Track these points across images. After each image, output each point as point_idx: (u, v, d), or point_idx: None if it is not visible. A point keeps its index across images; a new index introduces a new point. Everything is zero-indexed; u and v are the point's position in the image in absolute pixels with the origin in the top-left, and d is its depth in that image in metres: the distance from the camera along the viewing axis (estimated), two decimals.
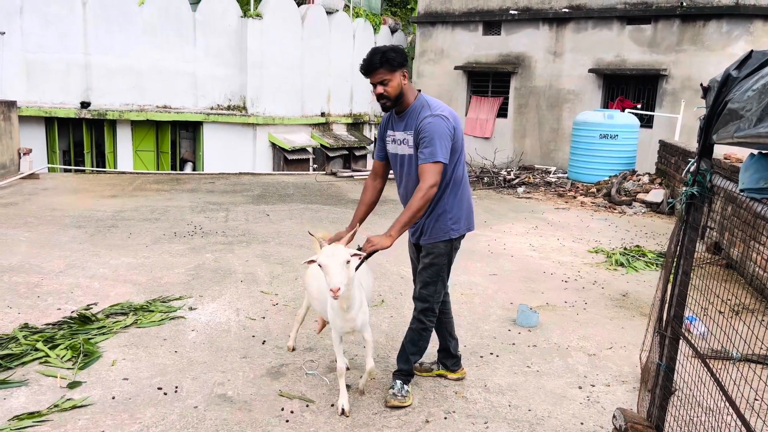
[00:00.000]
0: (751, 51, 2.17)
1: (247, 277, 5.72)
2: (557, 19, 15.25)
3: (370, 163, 19.31)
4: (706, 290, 2.85)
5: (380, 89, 3.21)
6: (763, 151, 2.09)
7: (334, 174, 13.97)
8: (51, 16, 14.01)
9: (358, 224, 3.31)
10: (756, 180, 1.97)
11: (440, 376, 3.85)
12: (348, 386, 3.56)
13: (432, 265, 3.40)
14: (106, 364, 3.81)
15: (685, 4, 13.45)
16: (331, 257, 2.92)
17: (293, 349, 4.11)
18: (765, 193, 1.95)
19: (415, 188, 3.25)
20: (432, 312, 3.48)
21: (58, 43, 14.14)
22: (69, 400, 3.34)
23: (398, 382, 3.51)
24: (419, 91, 3.38)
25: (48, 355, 3.83)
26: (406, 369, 3.54)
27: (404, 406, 3.43)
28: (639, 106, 14.20)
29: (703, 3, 13.27)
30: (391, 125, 3.45)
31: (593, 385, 3.84)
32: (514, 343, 4.45)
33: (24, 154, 11.53)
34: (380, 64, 3.15)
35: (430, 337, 3.58)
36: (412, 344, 3.51)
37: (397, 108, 3.33)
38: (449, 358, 3.83)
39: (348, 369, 3.78)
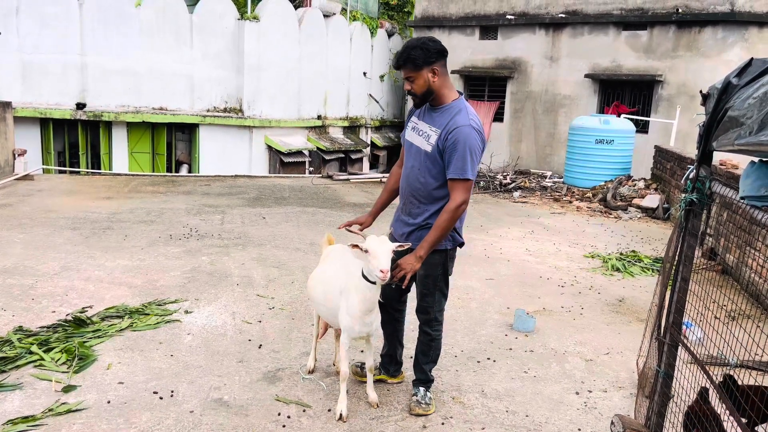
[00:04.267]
0: (752, 59, 2.17)
1: (243, 280, 5.70)
2: (554, 25, 15.30)
3: (366, 166, 19.27)
4: (703, 295, 2.86)
5: (407, 85, 3.22)
6: (764, 159, 2.09)
7: (330, 177, 13.96)
8: (47, 17, 13.95)
9: (372, 217, 3.52)
10: (757, 188, 1.97)
11: (380, 381, 3.75)
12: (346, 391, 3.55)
13: (427, 276, 3.34)
14: (102, 367, 3.78)
15: (680, 10, 13.51)
16: (379, 244, 2.99)
17: (313, 371, 3.85)
18: (766, 201, 1.95)
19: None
20: (436, 321, 3.44)
21: (54, 44, 14.07)
22: (64, 404, 3.31)
23: (421, 389, 3.48)
24: (461, 93, 3.30)
25: (42, 359, 3.80)
26: (424, 378, 3.52)
27: (428, 414, 3.40)
28: (635, 111, 14.25)
29: (699, 9, 13.34)
30: (420, 113, 3.35)
31: (590, 391, 3.84)
32: (511, 348, 4.44)
33: (19, 155, 11.48)
34: (404, 62, 3.15)
35: (441, 345, 3.54)
36: (424, 355, 3.50)
37: (431, 102, 3.26)
38: (393, 364, 3.77)
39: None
